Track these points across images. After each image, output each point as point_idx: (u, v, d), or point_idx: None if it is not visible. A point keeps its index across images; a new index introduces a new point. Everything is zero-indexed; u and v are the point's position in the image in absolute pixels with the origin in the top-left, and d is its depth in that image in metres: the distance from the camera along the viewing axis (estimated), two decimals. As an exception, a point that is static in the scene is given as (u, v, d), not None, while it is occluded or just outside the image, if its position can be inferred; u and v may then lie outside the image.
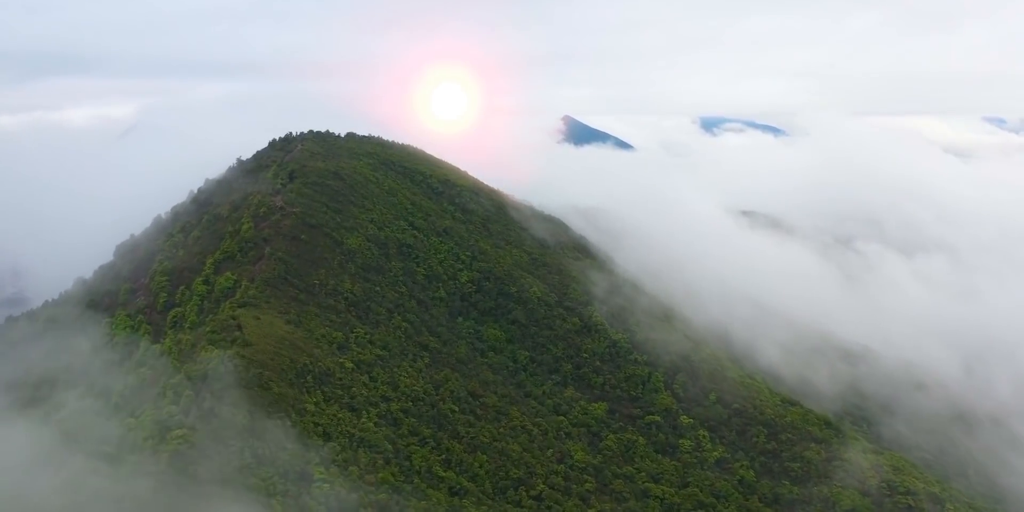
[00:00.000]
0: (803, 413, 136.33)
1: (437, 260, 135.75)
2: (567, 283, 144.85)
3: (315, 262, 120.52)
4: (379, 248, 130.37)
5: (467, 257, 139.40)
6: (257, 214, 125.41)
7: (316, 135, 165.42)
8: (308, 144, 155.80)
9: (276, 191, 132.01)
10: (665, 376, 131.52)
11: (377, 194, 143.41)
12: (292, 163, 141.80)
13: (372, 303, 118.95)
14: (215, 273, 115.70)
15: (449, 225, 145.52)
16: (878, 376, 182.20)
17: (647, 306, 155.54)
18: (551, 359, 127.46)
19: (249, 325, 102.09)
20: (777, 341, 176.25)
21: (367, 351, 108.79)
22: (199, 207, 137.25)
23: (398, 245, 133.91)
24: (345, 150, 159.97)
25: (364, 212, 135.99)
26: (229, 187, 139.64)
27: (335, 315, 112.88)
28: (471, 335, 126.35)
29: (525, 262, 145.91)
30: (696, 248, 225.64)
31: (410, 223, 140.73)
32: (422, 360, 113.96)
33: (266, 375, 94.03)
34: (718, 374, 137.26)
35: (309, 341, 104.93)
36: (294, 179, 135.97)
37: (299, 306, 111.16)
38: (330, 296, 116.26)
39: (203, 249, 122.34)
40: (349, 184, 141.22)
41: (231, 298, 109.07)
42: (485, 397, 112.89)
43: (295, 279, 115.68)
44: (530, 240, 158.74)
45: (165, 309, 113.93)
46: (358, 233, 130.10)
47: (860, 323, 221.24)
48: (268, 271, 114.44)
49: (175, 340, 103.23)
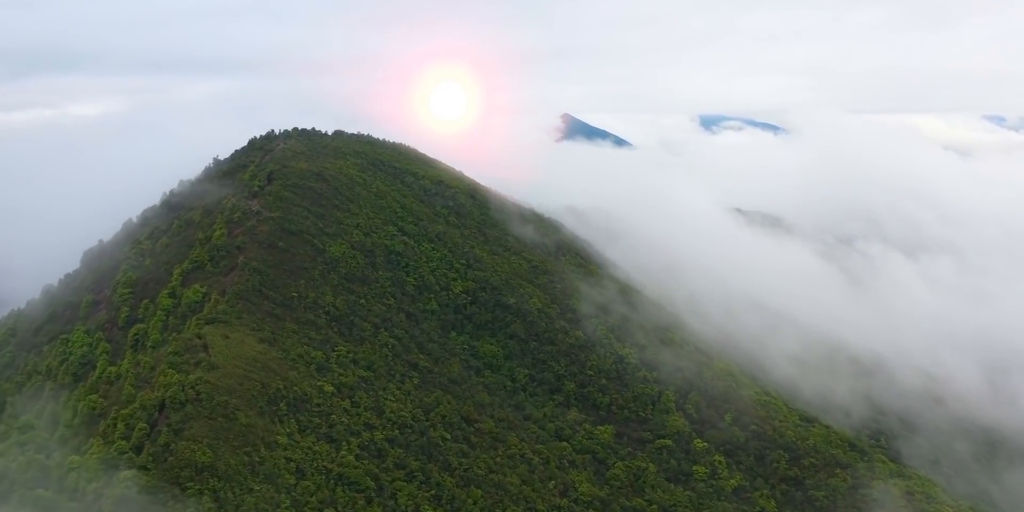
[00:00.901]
0: (825, 434, 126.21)
1: (429, 269, 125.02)
2: (569, 293, 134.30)
3: (293, 273, 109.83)
4: (365, 256, 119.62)
5: (461, 265, 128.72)
6: (231, 219, 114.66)
7: (300, 133, 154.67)
8: (291, 143, 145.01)
9: (252, 194, 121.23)
10: (676, 395, 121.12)
11: (364, 197, 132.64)
12: (271, 163, 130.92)
13: (356, 318, 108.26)
14: (182, 285, 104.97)
15: (442, 230, 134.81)
16: (894, 388, 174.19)
17: (654, 317, 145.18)
18: (552, 377, 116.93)
19: (216, 345, 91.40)
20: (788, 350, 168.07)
21: (349, 372, 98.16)
22: (170, 211, 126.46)
23: (386, 253, 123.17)
24: (331, 149, 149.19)
25: (349, 217, 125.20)
26: (203, 189, 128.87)
27: (315, 332, 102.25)
28: (465, 352, 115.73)
29: (524, 270, 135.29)
30: (698, 250, 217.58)
31: (399, 228, 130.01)
32: (411, 381, 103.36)
33: (233, 403, 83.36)
34: (733, 392, 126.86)
35: (284, 362, 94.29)
36: (273, 181, 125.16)
37: (274, 322, 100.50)
38: (309, 310, 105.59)
39: (171, 258, 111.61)
40: (333, 186, 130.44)
41: (198, 313, 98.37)
42: (480, 422, 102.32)
43: (271, 292, 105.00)
44: (530, 246, 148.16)
45: (127, 325, 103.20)
46: (342, 240, 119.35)
47: (869, 328, 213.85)
48: (241, 283, 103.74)
49: (133, 362, 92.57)
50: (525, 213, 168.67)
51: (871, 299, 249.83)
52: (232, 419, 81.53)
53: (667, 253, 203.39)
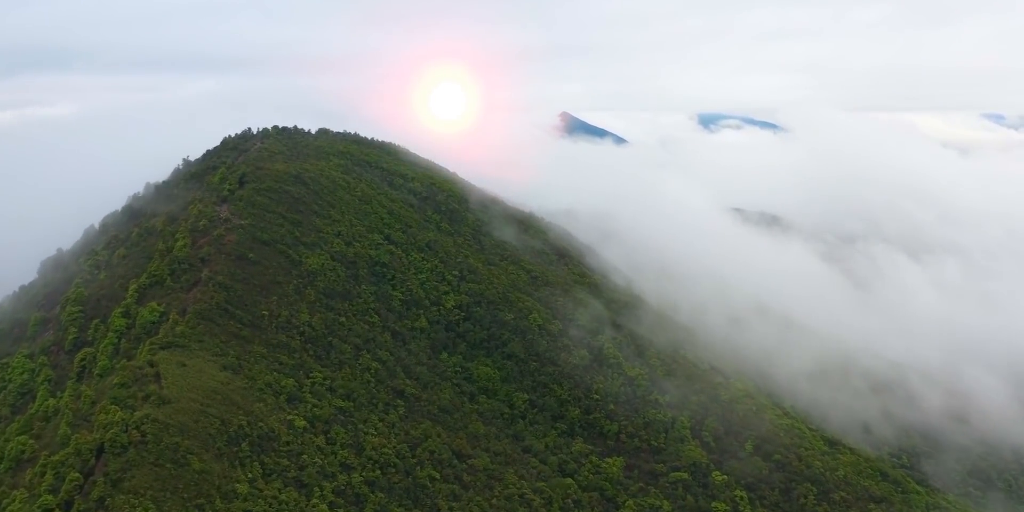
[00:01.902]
0: (854, 462, 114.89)
1: (418, 282, 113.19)
2: (573, 306, 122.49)
3: (265, 288, 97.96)
4: (346, 268, 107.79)
5: (454, 277, 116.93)
6: (196, 228, 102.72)
7: (280, 131, 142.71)
8: (268, 142, 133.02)
9: (222, 199, 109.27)
10: (691, 420, 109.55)
11: (347, 202, 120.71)
12: (244, 165, 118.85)
13: (335, 338, 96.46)
14: (138, 303, 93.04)
15: (433, 238, 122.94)
16: (913, 402, 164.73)
17: (664, 331, 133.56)
18: (555, 402, 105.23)
19: (170, 374, 79.52)
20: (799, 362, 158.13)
21: (325, 403, 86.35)
22: (131, 218, 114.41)
23: (370, 264, 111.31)
24: (313, 149, 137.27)
25: (329, 224, 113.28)
26: (169, 194, 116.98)
27: (287, 355, 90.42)
28: (458, 375, 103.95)
29: (523, 282, 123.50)
30: (700, 252, 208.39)
31: (386, 237, 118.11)
32: (395, 411, 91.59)
33: (185, 446, 71.49)
34: (753, 416, 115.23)
35: (249, 393, 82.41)
36: (245, 184, 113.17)
37: (240, 345, 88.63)
38: (282, 331, 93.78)
39: (128, 272, 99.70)
40: (313, 190, 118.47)
41: (154, 336, 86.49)
42: (474, 457, 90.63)
43: (238, 310, 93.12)
44: (529, 254, 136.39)
45: (74, 349, 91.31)
46: (321, 250, 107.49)
47: (880, 335, 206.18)
48: (203, 301, 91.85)
49: (75, 394, 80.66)
50: (524, 217, 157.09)
51: (879, 304, 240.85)
52: (183, 465, 69.66)
53: (669, 256, 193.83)
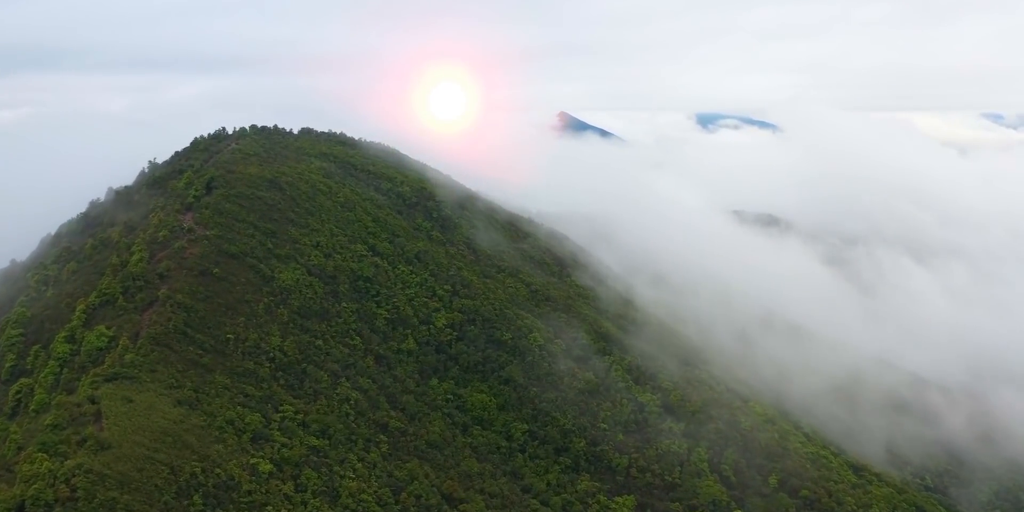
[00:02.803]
0: (888, 496, 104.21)
1: (405, 298, 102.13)
2: (578, 323, 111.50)
3: (230, 308, 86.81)
4: (325, 284, 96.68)
5: (446, 292, 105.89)
6: (154, 239, 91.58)
7: (258, 131, 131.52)
8: (244, 143, 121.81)
9: (186, 206, 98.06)
10: (709, 452, 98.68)
11: (328, 208, 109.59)
12: (213, 168, 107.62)
13: (310, 365, 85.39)
14: (85, 326, 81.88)
15: (424, 249, 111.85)
16: (937, 420, 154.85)
17: (675, 349, 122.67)
18: (558, 433, 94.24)
19: (114, 413, 68.42)
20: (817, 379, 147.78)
21: (296, 441, 75.23)
22: (87, 227, 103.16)
23: (352, 278, 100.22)
24: (293, 150, 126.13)
25: (307, 234, 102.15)
26: (129, 200, 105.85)
27: (253, 386, 79.32)
28: (449, 404, 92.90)
29: (523, 296, 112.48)
30: (703, 258, 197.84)
31: (370, 247, 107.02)
32: (377, 449, 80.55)
33: (124, 502, 60.40)
34: (776, 445, 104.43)
35: (207, 432, 71.31)
36: (213, 190, 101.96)
37: (200, 375, 77.50)
38: (249, 357, 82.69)
39: (77, 289, 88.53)
40: (290, 196, 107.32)
41: (98, 366, 75.37)
42: (467, 500, 79.66)
43: (199, 334, 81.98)
44: (529, 264, 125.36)
45: (11, 379, 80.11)
46: (296, 264, 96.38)
47: (894, 346, 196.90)
48: (159, 323, 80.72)
49: (3, 436, 69.50)
50: (523, 224, 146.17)
51: (887, 311, 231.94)
52: (119, 527, 58.60)
53: (670, 261, 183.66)
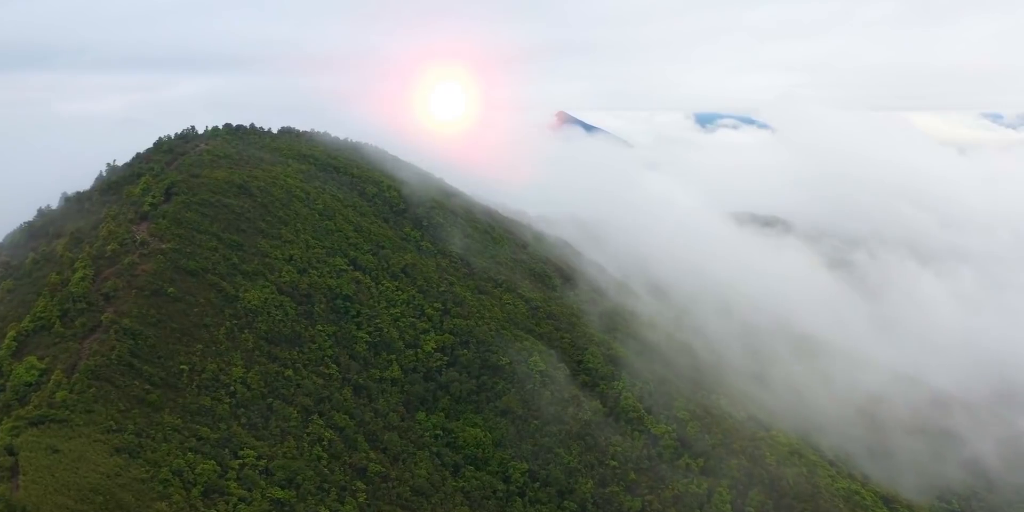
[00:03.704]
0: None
1: (390, 318, 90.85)
2: (584, 344, 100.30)
3: (186, 333, 75.45)
4: (298, 304, 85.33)
5: (436, 311, 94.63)
6: (101, 254, 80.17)
7: (232, 131, 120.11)
8: (214, 143, 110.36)
9: (141, 216, 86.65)
10: (733, 492, 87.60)
11: (305, 217, 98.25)
12: (175, 172, 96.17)
13: (277, 400, 74.10)
14: (14, 356, 70.43)
15: (411, 262, 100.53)
16: (960, 439, 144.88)
17: (691, 371, 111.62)
18: (562, 473, 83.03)
19: (34, 467, 57.08)
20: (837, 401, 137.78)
21: (256, 495, 63.95)
22: (31, 238, 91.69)
23: (329, 297, 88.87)
24: (269, 151, 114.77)
25: (279, 246, 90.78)
26: (81, 208, 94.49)
27: (209, 427, 68.02)
28: (438, 441, 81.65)
29: (522, 314, 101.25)
30: (706, 263, 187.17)
31: (351, 261, 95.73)
32: (354, 499, 69.28)
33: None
34: (805, 481, 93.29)
35: (149, 487, 59.97)
36: (172, 196, 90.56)
37: (146, 415, 66.18)
38: (206, 391, 71.36)
39: (10, 311, 77.04)
40: (261, 203, 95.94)
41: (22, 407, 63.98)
42: (457, 560, 68.41)
43: (147, 365, 70.63)
44: (529, 277, 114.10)
45: (-75, 419, 68.55)
46: (265, 281, 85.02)
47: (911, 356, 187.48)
48: (101, 353, 69.36)
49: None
50: (522, 230, 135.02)
51: (898, 318, 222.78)
52: None
53: (674, 268, 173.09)
